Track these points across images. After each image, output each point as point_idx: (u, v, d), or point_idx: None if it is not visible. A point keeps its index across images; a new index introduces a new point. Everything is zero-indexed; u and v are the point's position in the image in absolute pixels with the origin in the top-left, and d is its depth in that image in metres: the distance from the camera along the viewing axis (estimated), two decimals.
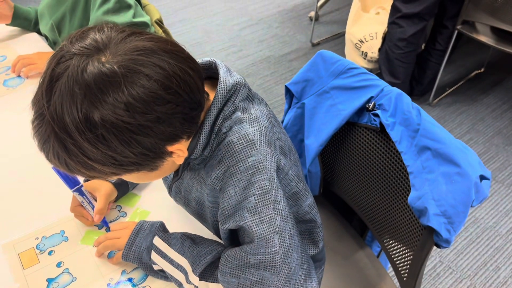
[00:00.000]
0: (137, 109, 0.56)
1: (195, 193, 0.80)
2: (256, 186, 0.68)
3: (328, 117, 1.04)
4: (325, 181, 1.20)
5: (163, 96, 0.58)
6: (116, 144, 0.57)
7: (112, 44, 0.58)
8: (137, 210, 0.93)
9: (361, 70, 1.01)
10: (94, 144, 0.56)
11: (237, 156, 0.69)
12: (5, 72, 1.33)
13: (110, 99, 0.55)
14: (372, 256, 1.16)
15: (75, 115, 0.55)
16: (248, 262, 0.69)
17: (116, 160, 0.59)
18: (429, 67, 2.35)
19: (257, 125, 0.71)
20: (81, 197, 0.86)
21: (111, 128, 0.56)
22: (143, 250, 0.80)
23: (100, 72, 0.55)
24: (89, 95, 0.55)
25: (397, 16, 2.12)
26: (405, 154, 0.88)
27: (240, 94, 0.72)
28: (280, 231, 0.69)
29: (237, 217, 0.69)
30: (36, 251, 0.85)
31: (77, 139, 0.56)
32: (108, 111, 0.55)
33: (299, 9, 3.33)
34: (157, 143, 0.60)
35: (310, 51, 2.85)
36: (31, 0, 3.45)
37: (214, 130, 0.70)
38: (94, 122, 0.55)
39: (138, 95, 0.56)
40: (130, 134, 0.57)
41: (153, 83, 0.57)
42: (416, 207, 0.85)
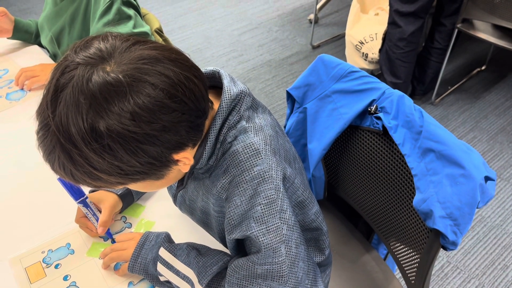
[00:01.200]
0: (143, 118, 0.56)
1: (200, 202, 0.80)
2: (262, 196, 0.68)
3: (331, 121, 1.04)
4: (329, 185, 1.20)
5: (169, 104, 0.57)
6: (122, 154, 0.57)
7: (117, 53, 0.58)
8: (142, 220, 0.93)
9: (362, 73, 1.00)
10: (100, 154, 0.56)
11: (243, 165, 0.69)
12: (8, 86, 1.34)
13: (116, 108, 0.55)
14: (379, 259, 1.15)
15: (80, 126, 0.55)
16: (255, 272, 0.69)
17: (122, 170, 0.59)
18: (430, 66, 2.34)
19: (262, 134, 0.71)
20: (86, 209, 0.86)
21: (117, 137, 0.56)
22: (149, 262, 0.80)
23: (105, 82, 0.55)
24: (94, 105, 0.55)
25: (394, 16, 2.12)
26: (409, 156, 0.88)
27: (245, 103, 0.72)
28: (286, 240, 0.69)
29: (243, 227, 0.69)
30: (43, 264, 0.85)
31: (83, 149, 0.56)
32: (114, 120, 0.55)
33: (298, 12, 3.33)
34: (163, 152, 0.60)
35: (310, 53, 2.86)
36: (32, 13, 3.47)
37: (219, 139, 0.70)
38: (100, 132, 0.55)
39: (144, 104, 0.56)
40: (136, 144, 0.57)
41: (159, 92, 0.56)
42: (421, 210, 0.84)
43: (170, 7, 3.47)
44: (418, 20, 2.09)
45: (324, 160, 1.17)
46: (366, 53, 2.40)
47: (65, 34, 1.32)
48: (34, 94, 1.30)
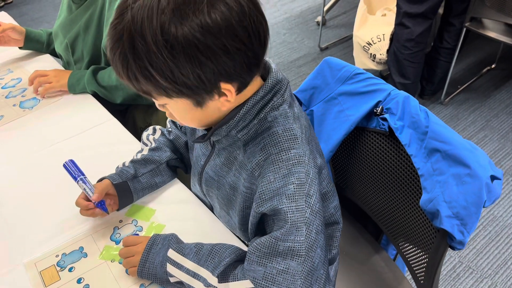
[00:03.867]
0: (211, 31, 0.60)
1: (231, 177, 0.82)
2: (295, 176, 0.72)
3: (337, 123, 1.05)
4: (337, 187, 1.21)
5: (236, 28, 0.62)
6: (180, 58, 0.61)
7: None
8: (152, 224, 0.95)
9: (367, 75, 1.01)
10: (162, 50, 0.60)
11: (281, 146, 0.74)
12: (21, 94, 1.37)
13: (191, 14, 0.59)
14: (388, 259, 1.16)
15: (154, 20, 0.59)
16: (277, 249, 0.71)
17: (174, 75, 0.63)
18: (439, 66, 2.33)
19: (299, 123, 0.77)
20: (84, 185, 0.90)
21: (183, 40, 0.60)
22: (157, 266, 0.81)
23: None
24: (173, 5, 0.59)
25: (402, 17, 2.12)
26: (415, 157, 0.89)
27: (288, 90, 0.77)
28: (308, 223, 0.71)
29: (275, 201, 0.72)
30: (57, 268, 0.87)
31: (148, 41, 0.60)
32: (186, 23, 0.59)
33: (306, 15, 3.35)
34: (214, 73, 0.64)
35: (318, 56, 2.86)
36: (44, 21, 3.54)
37: (258, 115, 0.74)
38: (168, 31, 0.59)
39: (216, 18, 0.60)
40: (196, 52, 0.61)
41: (231, 13, 0.61)
42: (428, 210, 0.85)
43: None
44: (426, 21, 2.09)
45: (331, 161, 1.17)
46: (374, 54, 2.40)
47: (79, 41, 1.35)
48: (47, 102, 1.33)
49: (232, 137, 0.77)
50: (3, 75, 1.46)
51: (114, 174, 0.97)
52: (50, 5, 3.79)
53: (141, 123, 1.47)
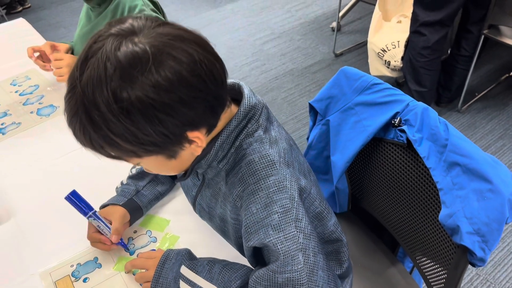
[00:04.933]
0: (163, 87, 0.59)
1: (219, 209, 0.82)
2: (278, 204, 0.70)
3: (354, 133, 1.03)
4: (353, 197, 1.19)
5: (188, 78, 0.60)
6: (139, 120, 0.59)
7: (146, 29, 0.61)
8: (166, 235, 0.94)
9: (385, 85, 1.00)
10: (119, 117, 0.59)
11: (258, 174, 0.71)
12: (38, 101, 1.39)
13: (139, 76, 0.58)
14: (404, 272, 1.14)
15: (104, 89, 0.58)
16: (277, 282, 0.69)
17: (137, 138, 0.61)
18: (456, 74, 2.30)
19: (277, 147, 0.74)
20: (98, 222, 0.88)
21: (137, 103, 0.58)
22: (170, 281, 0.81)
23: (132, 51, 0.58)
24: (119, 71, 0.58)
25: (418, 24, 2.09)
26: (434, 170, 0.87)
27: (263, 114, 0.75)
28: (303, 248, 0.69)
29: (261, 234, 0.70)
30: (72, 278, 0.87)
31: (104, 111, 0.59)
32: (136, 87, 0.58)
33: (320, 20, 3.33)
34: (177, 125, 0.63)
35: (333, 62, 2.85)
36: (61, 27, 3.58)
37: (234, 144, 0.73)
38: (121, 97, 0.58)
39: (165, 74, 0.59)
40: (154, 112, 0.59)
41: (180, 66, 0.60)
42: (447, 225, 0.83)
43: (194, 18, 3.53)
44: (443, 28, 2.06)
45: (347, 172, 1.16)
46: (388, 60, 2.37)
47: None
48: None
49: (215, 168, 0.76)
50: (21, 82, 1.48)
51: (116, 196, 0.97)
52: (67, 10, 3.84)
53: None
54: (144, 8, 1.26)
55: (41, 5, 3.97)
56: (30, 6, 3.94)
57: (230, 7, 3.64)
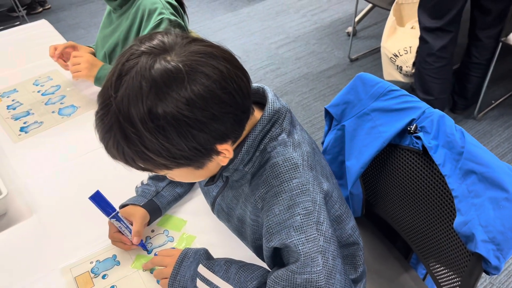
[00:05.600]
0: (197, 105, 0.61)
1: (238, 210, 0.83)
2: (300, 206, 0.71)
3: (369, 139, 1.04)
4: (367, 203, 1.20)
5: (220, 95, 0.63)
6: (173, 136, 0.62)
7: (177, 47, 0.64)
8: (183, 235, 0.96)
9: (402, 92, 1.01)
10: (154, 134, 0.61)
11: (282, 177, 0.73)
12: (60, 101, 1.42)
13: (174, 93, 0.60)
14: (417, 279, 1.14)
15: (139, 107, 0.60)
16: (295, 282, 0.70)
17: (170, 153, 0.64)
18: (470, 81, 2.28)
19: (300, 150, 0.76)
20: (119, 223, 0.90)
21: (172, 120, 0.60)
22: (188, 279, 0.82)
23: (166, 69, 0.61)
24: (154, 89, 0.60)
25: (421, 30, 2.07)
26: (450, 177, 0.87)
27: (287, 118, 0.77)
28: (323, 251, 0.70)
29: (283, 235, 0.71)
30: (91, 274, 0.89)
31: (139, 128, 0.61)
32: (170, 104, 0.60)
33: (336, 25, 3.34)
34: (209, 140, 0.65)
35: (348, 66, 2.85)
36: (80, 28, 3.65)
37: (259, 147, 0.74)
38: (157, 114, 0.60)
39: (199, 91, 0.61)
40: (188, 128, 0.62)
41: (212, 83, 0.62)
42: (462, 233, 0.83)
43: (210, 21, 3.56)
44: (447, 34, 2.03)
45: (362, 177, 1.17)
46: (400, 66, 2.37)
47: (117, 51, 1.38)
48: (85, 110, 1.37)
49: (241, 171, 0.78)
50: (43, 82, 1.52)
51: (137, 196, 0.99)
52: (86, 12, 3.90)
53: None
54: (164, 11, 1.28)
55: (60, 6, 4.05)
56: (50, 7, 4.02)
57: (246, 11, 3.66)
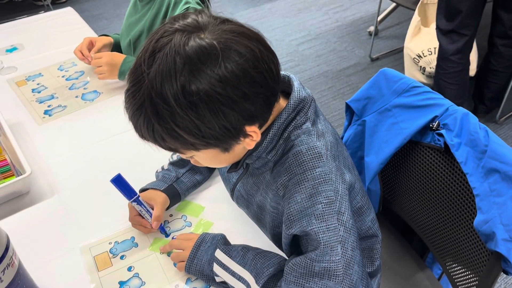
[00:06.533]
0: (230, 82, 0.61)
1: (259, 197, 0.84)
2: (323, 195, 0.71)
3: (390, 135, 1.04)
4: (384, 200, 1.19)
5: (252, 74, 0.63)
6: (205, 114, 0.62)
7: (211, 26, 0.64)
8: (201, 221, 0.97)
9: (425, 89, 1.00)
10: (186, 110, 0.61)
11: (305, 165, 0.73)
12: (83, 87, 1.44)
13: (208, 70, 0.60)
14: (433, 278, 1.13)
15: (173, 83, 0.60)
16: (313, 270, 0.71)
17: (200, 131, 0.64)
18: (487, 87, 2.24)
19: (324, 140, 0.76)
20: (140, 207, 0.91)
21: (205, 97, 0.60)
22: (205, 263, 0.83)
23: (200, 46, 0.61)
24: (188, 65, 0.60)
25: (436, 33, 2.04)
26: (471, 175, 0.86)
27: (312, 107, 0.77)
28: (343, 241, 0.70)
29: (304, 222, 0.71)
30: (110, 255, 0.91)
31: (172, 105, 0.61)
32: (204, 81, 0.60)
33: (358, 24, 3.32)
34: (239, 120, 0.65)
35: (369, 66, 2.83)
36: (103, 18, 3.69)
37: (283, 135, 0.74)
38: (190, 91, 0.60)
39: (232, 69, 0.61)
40: (220, 106, 0.62)
41: (245, 62, 0.62)
42: (482, 231, 0.82)
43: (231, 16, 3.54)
44: (461, 38, 1.98)
45: (380, 174, 1.16)
46: (423, 67, 2.35)
47: (142, 39, 1.40)
48: (107, 96, 1.40)
49: (264, 159, 0.78)
50: (68, 68, 1.55)
51: (158, 181, 1.00)
52: (109, 2, 3.95)
53: None
54: (190, 0, 1.29)
55: None
56: None
57: (268, 7, 3.66)
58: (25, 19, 1.94)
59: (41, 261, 0.90)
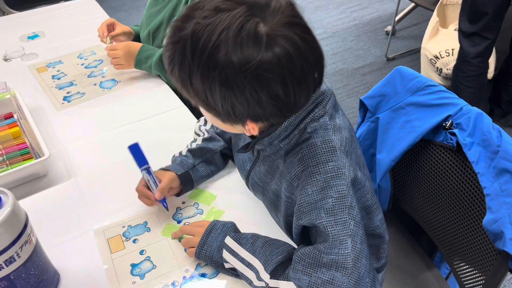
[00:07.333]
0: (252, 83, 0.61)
1: (274, 185, 0.85)
2: (334, 190, 0.72)
3: (403, 133, 1.04)
4: (394, 197, 1.20)
5: (279, 94, 0.63)
6: (216, 90, 0.62)
7: (276, 19, 0.62)
8: (212, 209, 0.99)
9: (439, 88, 1.00)
10: (202, 75, 0.62)
11: (319, 158, 0.74)
12: (101, 75, 1.47)
13: (248, 49, 0.60)
14: (440, 277, 1.13)
15: (211, 41, 0.60)
16: (321, 261, 0.72)
17: (207, 99, 0.65)
18: (504, 90, 2.21)
19: (339, 135, 0.76)
20: (148, 176, 0.94)
21: (223, 77, 0.61)
22: (214, 249, 0.85)
23: (255, 28, 0.60)
24: (232, 41, 0.60)
25: (459, 36, 2.02)
26: (482, 175, 0.87)
27: (331, 101, 0.77)
28: (353, 235, 0.72)
29: (313, 215, 0.73)
30: (123, 238, 0.93)
31: (195, 60, 0.61)
32: (235, 56, 0.60)
33: (375, 23, 3.30)
34: (243, 114, 0.66)
35: (384, 65, 2.82)
36: (122, 10, 3.73)
37: (299, 126, 0.75)
38: (215, 60, 0.60)
39: (269, 57, 0.60)
40: (232, 96, 0.62)
41: (287, 52, 0.61)
42: (491, 230, 0.83)
43: None
44: (483, 41, 1.96)
45: (391, 171, 1.16)
46: (440, 68, 2.33)
47: (161, 30, 1.42)
48: (124, 85, 1.42)
49: (275, 146, 0.78)
50: (87, 56, 1.58)
51: (176, 165, 1.02)
52: None
53: None
54: None
55: None
56: None
57: None
58: (47, 7, 1.98)
59: (57, 241, 0.93)
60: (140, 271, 0.87)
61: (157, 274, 0.86)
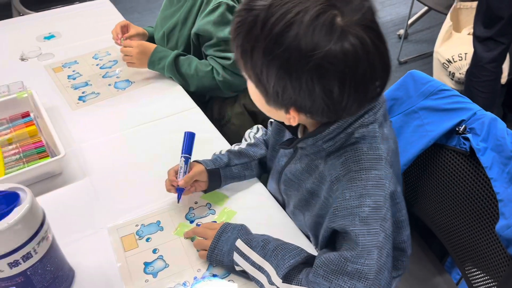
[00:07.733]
0: (312, 75, 0.61)
1: (310, 184, 0.84)
2: (372, 199, 0.71)
3: (415, 137, 1.04)
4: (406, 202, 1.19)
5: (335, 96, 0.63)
6: (272, 71, 0.63)
7: (356, 16, 0.62)
8: (224, 209, 1.00)
9: (453, 92, 1.00)
10: (264, 52, 0.62)
11: (363, 164, 0.73)
12: (116, 75, 1.49)
13: (322, 36, 0.60)
14: (451, 283, 1.13)
15: (282, 22, 0.60)
16: (346, 269, 0.71)
17: (259, 75, 0.66)
18: None
19: (387, 144, 0.75)
20: (183, 164, 0.97)
21: (284, 59, 0.61)
22: (225, 253, 0.85)
23: (331, 19, 0.60)
24: (307, 21, 0.60)
25: (473, 40, 2.00)
26: (496, 181, 0.86)
27: (382, 109, 0.76)
28: (380, 247, 0.71)
29: (347, 221, 0.72)
30: (136, 236, 0.95)
31: (264, 34, 0.62)
32: (302, 39, 0.60)
33: (388, 27, 3.29)
34: (290, 100, 0.67)
35: (396, 69, 2.81)
36: (135, 11, 3.77)
37: (346, 130, 0.74)
38: (285, 36, 0.60)
39: (334, 51, 0.60)
40: (287, 79, 0.63)
41: (355, 50, 0.61)
42: (504, 236, 0.82)
43: None
44: (498, 46, 1.94)
45: (403, 175, 1.16)
46: (453, 72, 2.32)
47: (176, 32, 1.44)
48: (138, 85, 1.44)
49: (318, 147, 0.77)
50: (102, 57, 1.60)
51: (208, 160, 1.02)
52: None
53: (216, 114, 1.54)
54: None
55: None
56: None
57: None
58: (63, 8, 2.01)
59: (71, 238, 0.95)
60: (153, 270, 0.88)
61: (170, 273, 0.87)
